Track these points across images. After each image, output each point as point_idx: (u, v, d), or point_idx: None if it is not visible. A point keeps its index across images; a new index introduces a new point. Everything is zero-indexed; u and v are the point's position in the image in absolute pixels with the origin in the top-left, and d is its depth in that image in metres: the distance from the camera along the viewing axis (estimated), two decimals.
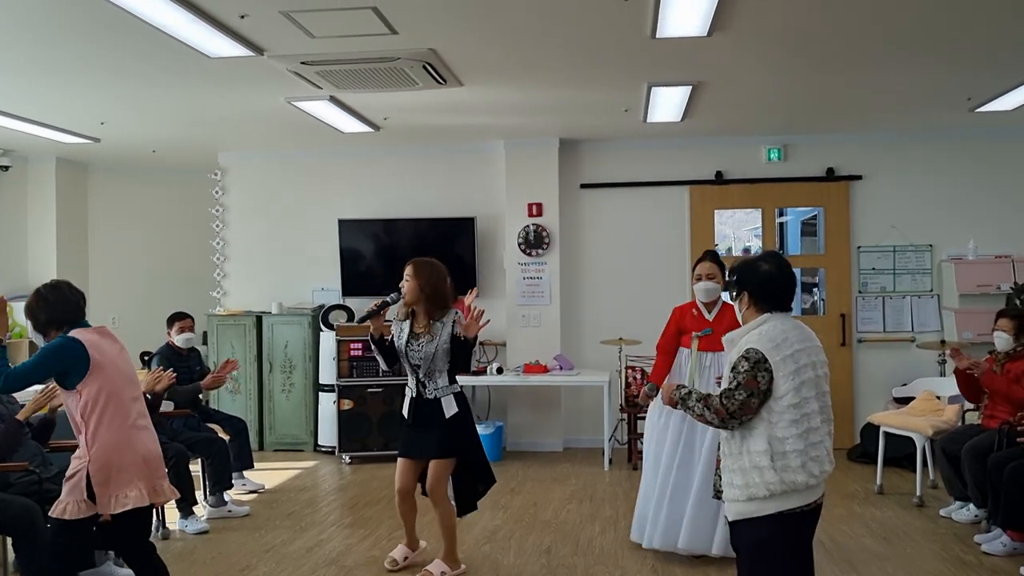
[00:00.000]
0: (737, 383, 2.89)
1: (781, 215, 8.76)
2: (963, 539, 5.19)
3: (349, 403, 7.59)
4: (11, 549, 4.28)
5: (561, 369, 7.57)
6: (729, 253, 8.80)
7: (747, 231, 9.60)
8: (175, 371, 5.65)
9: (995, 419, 5.42)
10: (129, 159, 8.66)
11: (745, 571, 3.03)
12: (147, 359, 6.41)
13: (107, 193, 9.29)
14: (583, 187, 8.12)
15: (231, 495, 6.11)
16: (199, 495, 5.79)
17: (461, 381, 7.16)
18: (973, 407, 5.99)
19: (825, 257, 7.95)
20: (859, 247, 7.88)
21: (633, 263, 8.04)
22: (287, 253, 8.47)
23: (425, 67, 5.21)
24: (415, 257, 4.76)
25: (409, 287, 4.60)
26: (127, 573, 4.39)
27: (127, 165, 9.00)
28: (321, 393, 7.97)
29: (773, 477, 2.86)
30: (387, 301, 4.67)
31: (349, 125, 7.02)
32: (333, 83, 5.61)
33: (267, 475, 6.96)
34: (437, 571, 4.64)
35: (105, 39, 4.71)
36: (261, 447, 8.00)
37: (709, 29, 4.57)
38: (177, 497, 4.32)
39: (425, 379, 4.60)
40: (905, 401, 6.85)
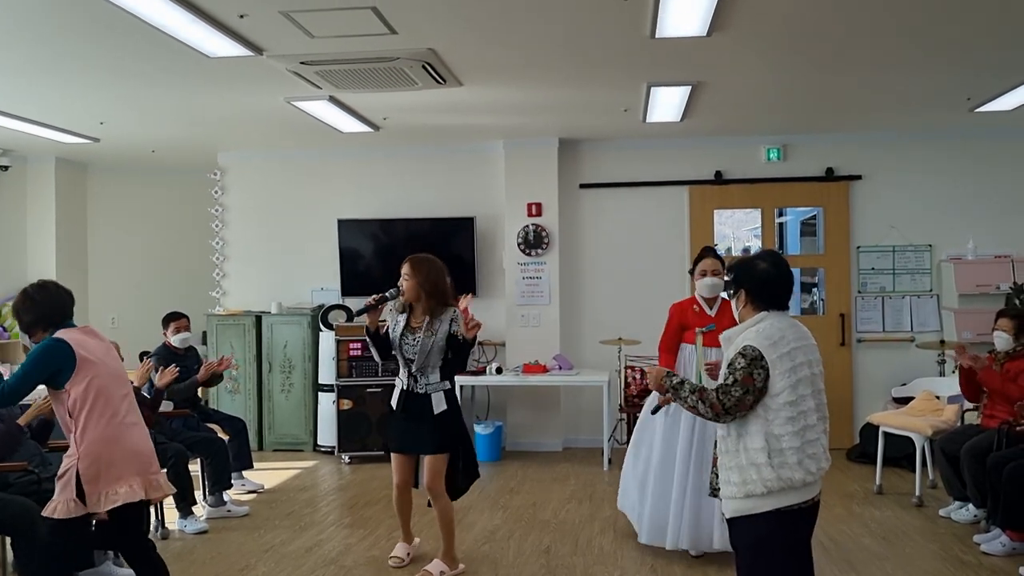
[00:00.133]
0: (734, 380, 2.90)
1: (780, 215, 8.78)
2: (962, 539, 5.19)
3: (348, 403, 7.59)
4: (10, 550, 4.28)
5: (560, 369, 7.56)
6: (728, 253, 8.80)
7: (746, 231, 9.62)
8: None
9: (994, 419, 5.43)
10: (129, 159, 8.66)
11: (744, 569, 3.04)
12: (147, 358, 6.38)
13: (107, 193, 9.29)
14: (582, 187, 8.12)
15: (230, 495, 6.11)
16: (198, 495, 5.78)
17: (461, 381, 7.31)
18: (972, 407, 6.00)
19: (824, 257, 7.95)
20: (858, 247, 7.88)
21: (632, 263, 8.04)
22: (286, 253, 8.47)
23: (424, 67, 5.21)
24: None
25: (409, 285, 4.58)
26: (127, 573, 4.39)
27: (127, 165, 8.99)
28: (320, 393, 7.97)
29: (770, 474, 2.88)
30: (385, 296, 4.65)
31: (348, 125, 7.02)
32: (332, 83, 5.62)
33: (266, 475, 6.96)
34: (436, 571, 4.64)
35: (105, 39, 4.71)
36: (260, 447, 7.99)
37: (708, 29, 4.58)
38: (173, 491, 4.31)
39: (417, 373, 4.60)
40: (904, 401, 6.85)
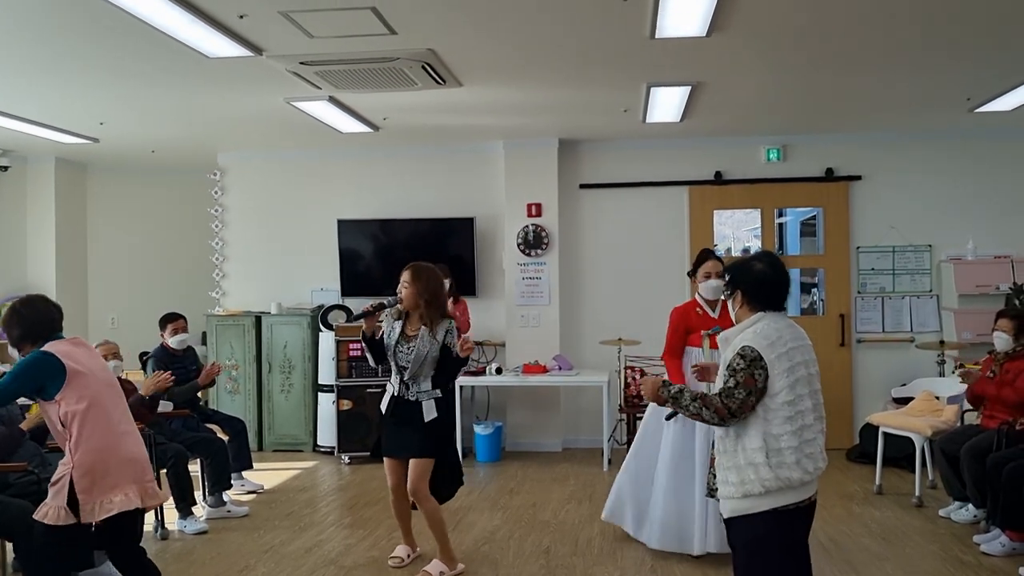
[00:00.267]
0: (736, 382, 2.91)
1: (780, 215, 8.76)
2: (962, 539, 5.19)
3: (348, 403, 7.59)
4: (11, 550, 4.28)
5: (560, 369, 7.56)
6: (728, 253, 8.79)
7: (746, 231, 9.60)
8: (172, 372, 5.64)
9: (994, 419, 5.43)
10: (128, 159, 8.66)
11: (741, 568, 3.05)
12: (145, 360, 6.39)
13: (106, 193, 9.29)
14: (582, 187, 8.12)
15: (230, 495, 6.11)
16: (198, 495, 5.78)
17: (461, 381, 7.31)
18: (972, 407, 6.00)
19: (824, 257, 7.95)
20: (858, 247, 7.88)
21: (632, 263, 8.04)
22: (286, 253, 8.47)
23: (424, 67, 5.20)
24: (414, 259, 4.76)
25: (407, 293, 4.59)
26: None
27: (126, 165, 8.99)
28: (320, 393, 7.96)
29: (768, 474, 2.88)
30: (383, 304, 4.67)
31: (348, 125, 7.01)
32: (332, 83, 5.61)
33: (266, 475, 6.96)
34: (436, 571, 4.64)
35: (105, 39, 4.71)
36: (260, 447, 7.99)
37: (708, 29, 4.58)
38: (167, 498, 4.31)
39: (409, 381, 4.61)
40: (904, 401, 6.85)
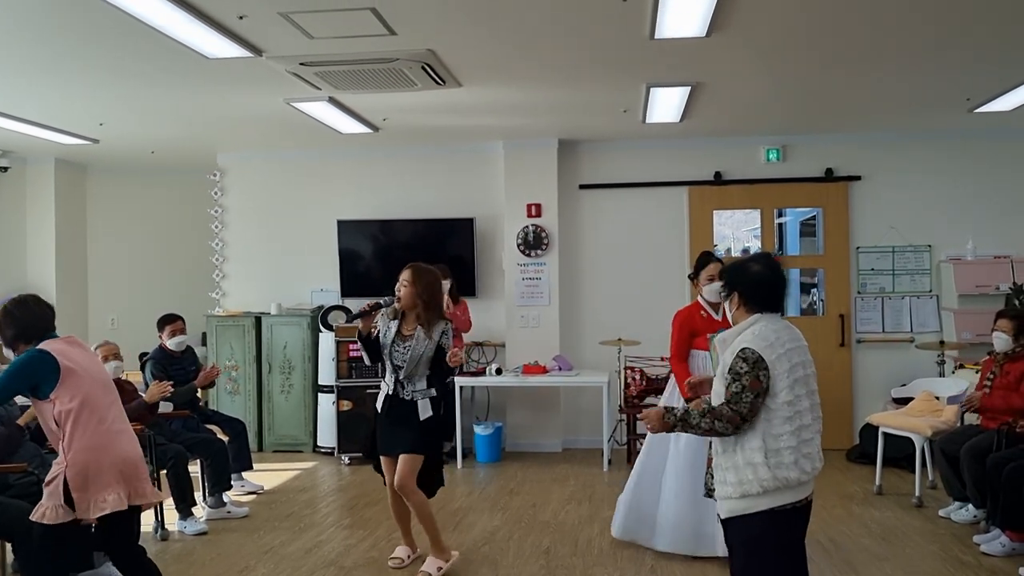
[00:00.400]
0: (742, 386, 2.91)
1: (780, 216, 8.76)
2: (962, 539, 5.19)
3: (348, 404, 7.59)
4: (10, 551, 4.27)
5: (560, 370, 7.56)
6: (728, 254, 8.79)
7: (746, 232, 9.60)
8: (171, 374, 5.64)
9: (994, 420, 5.42)
10: (128, 160, 8.66)
11: (738, 568, 3.06)
12: (143, 362, 6.37)
13: (106, 194, 9.28)
14: (582, 188, 8.12)
15: (230, 496, 6.11)
16: (198, 496, 5.78)
17: (460, 382, 7.31)
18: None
19: (824, 258, 7.95)
20: (858, 247, 7.88)
21: (632, 264, 8.04)
22: (286, 254, 8.46)
23: (424, 68, 5.20)
24: (413, 260, 4.76)
25: (406, 293, 4.60)
26: None
27: (126, 166, 8.99)
28: (320, 394, 7.96)
29: (767, 473, 2.89)
30: (380, 303, 4.68)
31: (348, 126, 7.01)
32: (332, 84, 5.61)
33: (266, 476, 6.96)
34: (432, 568, 4.64)
35: (105, 39, 4.71)
36: (260, 448, 7.98)
37: (708, 30, 4.58)
38: (162, 499, 4.30)
39: (404, 380, 4.62)
40: (904, 401, 6.84)
